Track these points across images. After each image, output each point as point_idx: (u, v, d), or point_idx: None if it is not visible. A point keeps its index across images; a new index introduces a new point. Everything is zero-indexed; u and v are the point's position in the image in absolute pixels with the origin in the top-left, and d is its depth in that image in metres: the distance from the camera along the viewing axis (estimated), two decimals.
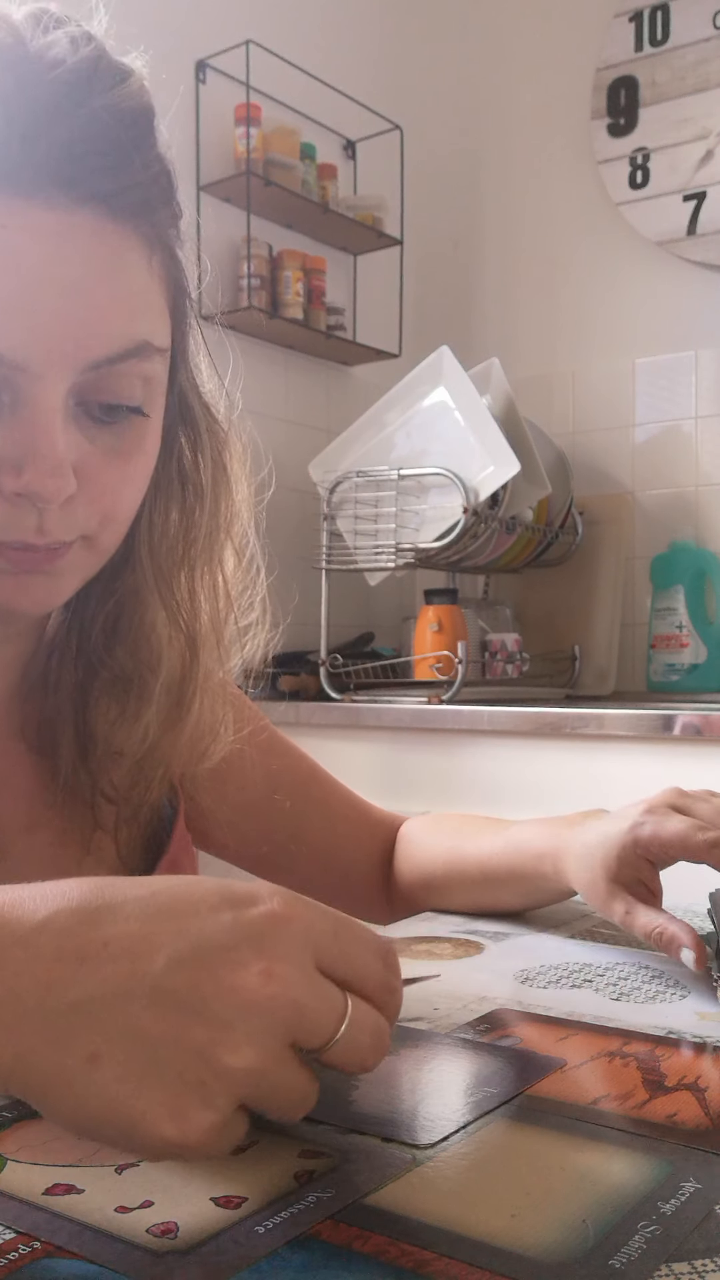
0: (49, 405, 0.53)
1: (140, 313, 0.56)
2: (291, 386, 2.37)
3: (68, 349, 0.53)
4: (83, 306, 0.53)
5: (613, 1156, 0.41)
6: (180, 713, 0.68)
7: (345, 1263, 0.34)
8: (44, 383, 0.53)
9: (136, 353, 0.55)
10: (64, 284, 0.52)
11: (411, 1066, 0.50)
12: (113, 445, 0.57)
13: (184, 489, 0.66)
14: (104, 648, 0.67)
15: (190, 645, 0.68)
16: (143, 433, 0.59)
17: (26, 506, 0.54)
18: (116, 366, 0.55)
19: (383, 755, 1.86)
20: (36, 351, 0.52)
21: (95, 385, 0.55)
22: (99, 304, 0.54)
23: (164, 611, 0.67)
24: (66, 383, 0.53)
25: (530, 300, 2.51)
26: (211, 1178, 0.39)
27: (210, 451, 0.67)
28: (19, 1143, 0.42)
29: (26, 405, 0.53)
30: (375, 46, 2.54)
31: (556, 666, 2.24)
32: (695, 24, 2.28)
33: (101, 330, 0.54)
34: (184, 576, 0.67)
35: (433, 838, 0.84)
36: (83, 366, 0.54)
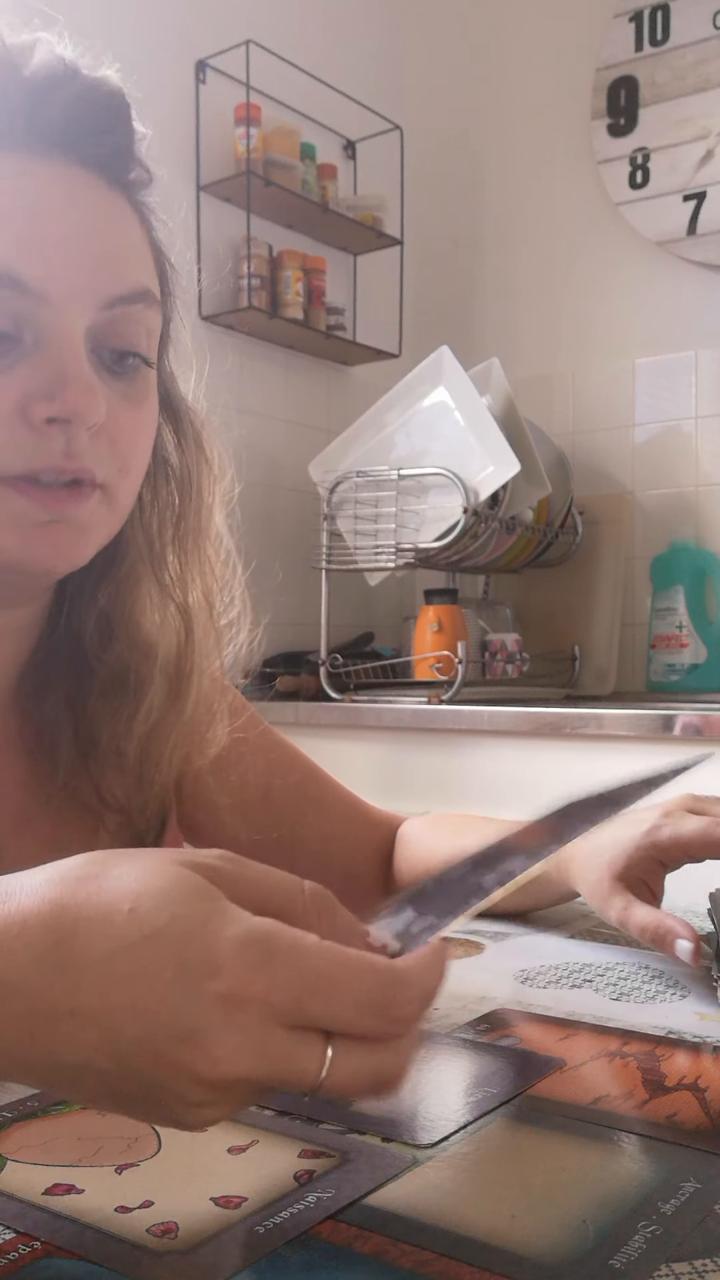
0: (73, 336, 0.57)
1: (142, 267, 0.61)
2: (291, 386, 2.37)
3: (87, 283, 0.57)
4: (99, 246, 0.58)
5: (612, 1156, 0.41)
6: (180, 691, 0.70)
7: (345, 1263, 0.34)
8: (66, 316, 0.56)
9: (143, 297, 0.60)
10: (81, 225, 0.58)
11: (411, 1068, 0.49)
12: (126, 392, 0.60)
13: (167, 470, 0.69)
14: (100, 645, 0.68)
15: (185, 620, 0.70)
16: (148, 385, 0.62)
17: (56, 434, 0.56)
18: (128, 309, 0.59)
19: (383, 755, 1.86)
20: (60, 283, 0.56)
21: (108, 328, 0.59)
22: (111, 246, 0.59)
23: (156, 588, 0.69)
24: (86, 319, 0.57)
25: (530, 300, 2.51)
26: (211, 1178, 0.39)
27: (190, 434, 0.70)
28: (19, 1143, 0.42)
29: (51, 340, 0.56)
30: (375, 46, 2.54)
31: (556, 666, 2.24)
32: (695, 24, 2.28)
33: (116, 270, 0.59)
34: (173, 555, 0.70)
35: (434, 837, 0.84)
36: (100, 303, 0.58)
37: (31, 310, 0.55)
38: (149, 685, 0.68)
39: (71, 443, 0.57)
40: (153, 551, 0.69)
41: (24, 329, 0.56)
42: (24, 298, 0.55)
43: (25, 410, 0.56)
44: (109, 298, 0.58)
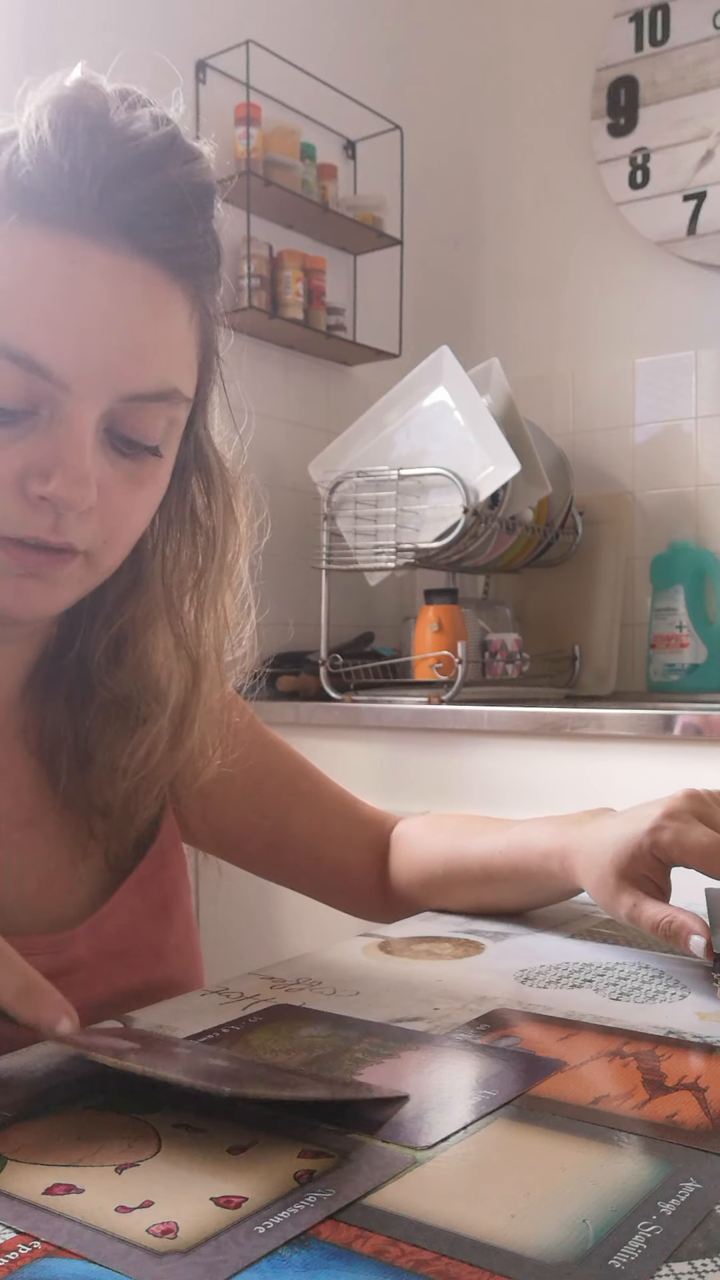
0: (83, 424, 0.58)
1: (177, 362, 0.62)
2: (291, 386, 2.37)
3: (111, 378, 0.59)
4: (131, 344, 0.59)
5: (613, 1156, 0.41)
6: (181, 736, 0.72)
7: (345, 1263, 0.34)
8: (83, 404, 0.58)
9: (167, 397, 0.61)
10: (118, 321, 0.59)
11: (412, 1068, 0.50)
12: (131, 473, 0.62)
13: (195, 529, 0.71)
14: (105, 671, 0.70)
15: (194, 671, 0.73)
16: (157, 468, 0.64)
17: (46, 510, 0.59)
18: (148, 405, 0.61)
19: (383, 755, 1.86)
20: (83, 374, 0.58)
21: (125, 418, 0.61)
22: (145, 345, 0.60)
23: (171, 638, 0.71)
24: (101, 408, 0.59)
25: (530, 300, 2.51)
26: (211, 1178, 0.39)
27: (221, 496, 0.72)
28: (19, 1143, 0.42)
29: (63, 422, 0.58)
30: (375, 46, 2.54)
31: (556, 666, 2.24)
32: (695, 24, 2.28)
33: (143, 369, 0.60)
34: (191, 608, 0.72)
35: (433, 837, 0.84)
36: (119, 397, 0.59)
37: (51, 393, 0.58)
38: (153, 724, 0.71)
39: (60, 520, 0.59)
40: (170, 602, 0.71)
41: (41, 405, 0.58)
42: (45, 381, 0.57)
43: (23, 482, 0.58)
44: (130, 394, 0.59)
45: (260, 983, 0.63)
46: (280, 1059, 0.51)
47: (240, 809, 0.83)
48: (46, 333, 0.57)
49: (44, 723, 0.71)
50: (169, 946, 0.74)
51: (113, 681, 0.70)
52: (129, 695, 0.71)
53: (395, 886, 0.85)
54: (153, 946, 0.73)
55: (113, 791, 0.71)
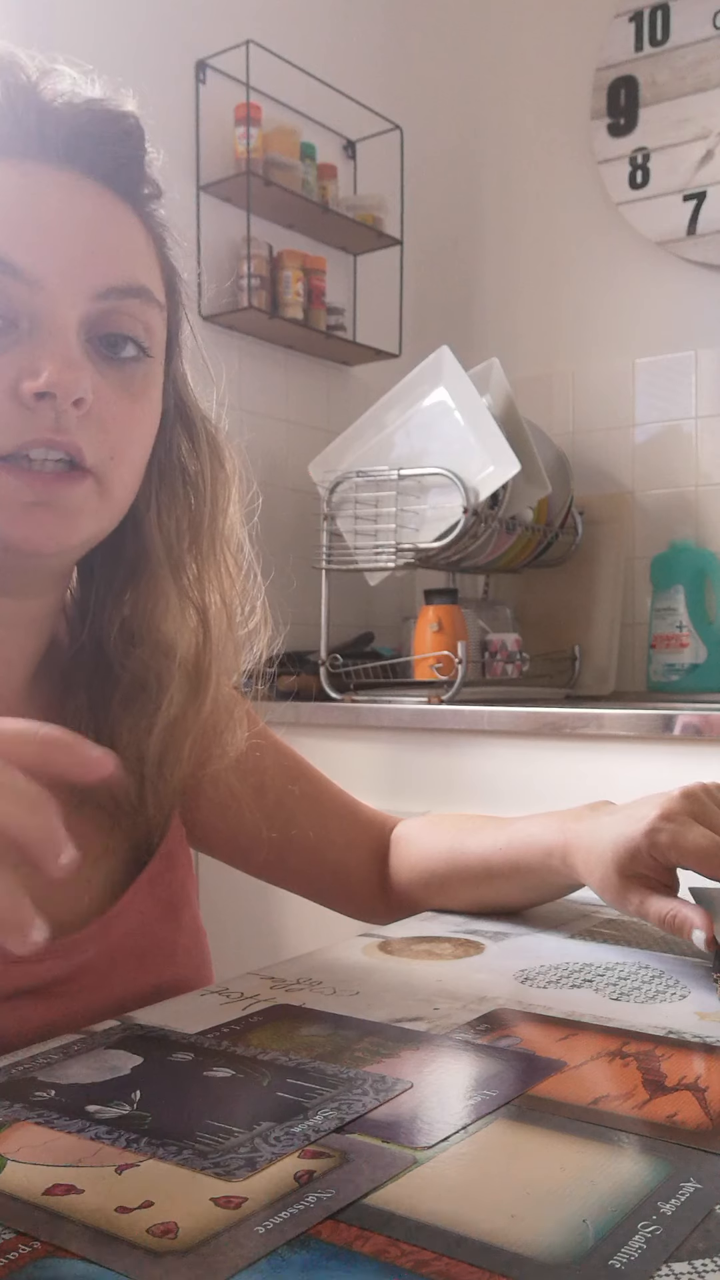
0: (64, 321, 0.59)
1: (142, 267, 0.64)
2: (291, 386, 2.37)
3: (80, 272, 0.60)
4: (95, 241, 0.61)
5: (613, 1156, 0.41)
6: (198, 689, 0.71)
7: (345, 1263, 0.34)
8: (60, 302, 0.59)
9: (140, 293, 0.63)
10: (79, 221, 0.61)
11: (412, 1068, 0.50)
12: (121, 383, 0.62)
13: (184, 478, 0.71)
14: (123, 652, 0.70)
15: (202, 620, 0.72)
16: (148, 379, 0.64)
17: (45, 409, 0.58)
18: (123, 302, 0.62)
19: (383, 755, 1.86)
20: (54, 269, 0.59)
21: (102, 318, 0.61)
22: (108, 241, 0.62)
23: (175, 590, 0.70)
24: (79, 309, 0.60)
25: (530, 300, 2.51)
26: (211, 1178, 0.39)
27: (205, 443, 0.72)
28: (19, 1143, 0.42)
29: (43, 325, 0.59)
30: (375, 46, 2.54)
31: (556, 666, 2.24)
32: (695, 24, 2.28)
33: (111, 263, 0.62)
34: (191, 559, 0.72)
35: (432, 836, 0.84)
36: (93, 292, 0.60)
37: (27, 297, 0.59)
38: (168, 683, 0.70)
39: (60, 418, 0.59)
40: (171, 555, 0.70)
41: (20, 315, 0.59)
42: (19, 283, 0.58)
43: (15, 389, 0.58)
44: (102, 288, 0.61)
45: (260, 983, 0.63)
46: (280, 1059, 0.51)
47: (243, 815, 0.82)
48: (15, 236, 0.59)
49: (62, 718, 0.69)
50: (179, 947, 0.74)
51: (132, 661, 0.70)
52: (149, 671, 0.70)
53: (396, 887, 0.85)
54: (163, 948, 0.72)
55: (134, 779, 0.70)
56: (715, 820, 0.68)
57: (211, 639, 0.72)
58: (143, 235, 0.65)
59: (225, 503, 0.73)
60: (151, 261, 0.65)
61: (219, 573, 0.73)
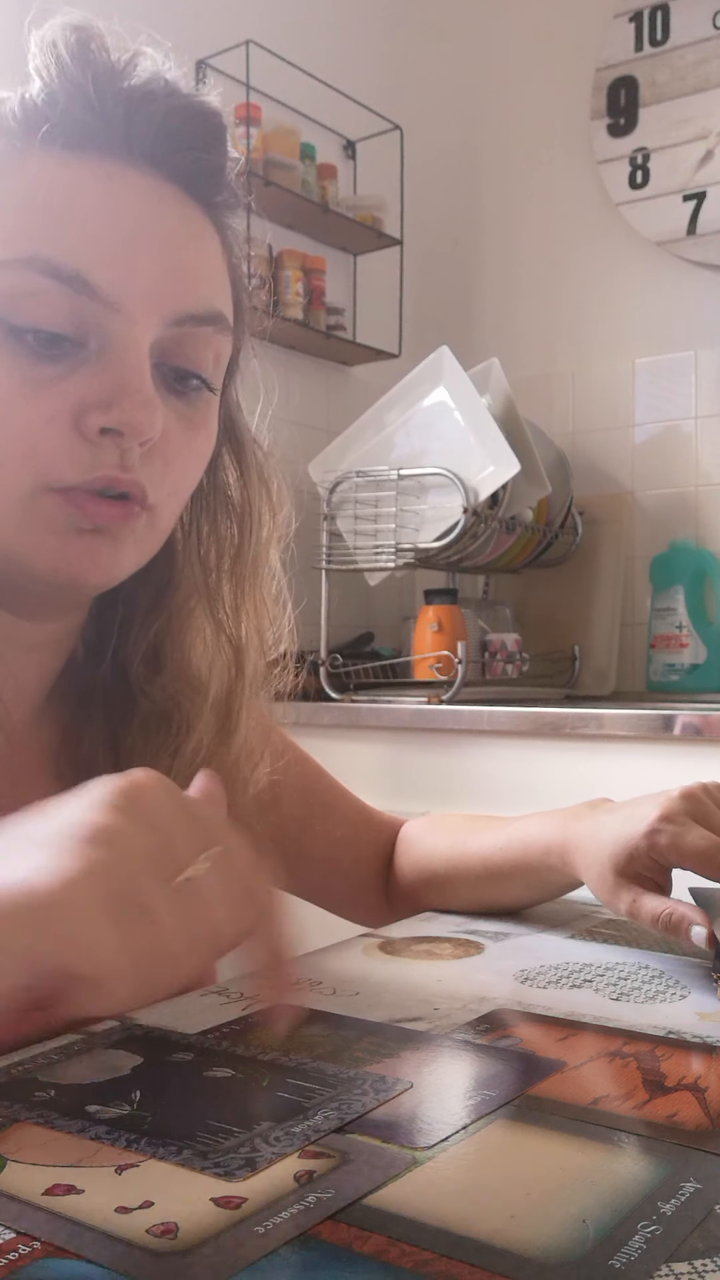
0: (139, 348, 0.55)
1: (218, 288, 0.60)
2: (291, 386, 2.37)
3: (159, 297, 0.56)
4: (177, 261, 0.57)
5: (613, 1156, 0.41)
6: (229, 729, 0.68)
7: (345, 1263, 0.34)
8: (135, 327, 0.55)
9: (215, 320, 0.59)
10: (162, 238, 0.57)
11: (412, 1068, 0.50)
12: (184, 414, 0.59)
13: (228, 505, 0.68)
14: (146, 678, 0.66)
15: (237, 656, 0.68)
16: (209, 410, 0.61)
17: (110, 446, 0.55)
18: (198, 330, 0.58)
19: (383, 755, 1.86)
20: (133, 292, 0.55)
21: (175, 346, 0.58)
22: (189, 264, 0.58)
23: (210, 622, 0.67)
24: (153, 334, 0.56)
25: (530, 300, 2.51)
26: (211, 1178, 0.39)
27: (254, 470, 0.69)
28: (19, 1143, 0.42)
29: (115, 349, 0.55)
30: (375, 46, 2.54)
31: (556, 666, 2.24)
32: (695, 24, 2.28)
33: (191, 287, 0.57)
34: (229, 588, 0.68)
35: (433, 836, 0.84)
36: (171, 318, 0.56)
37: (99, 316, 0.54)
38: (197, 722, 0.66)
39: (126, 455, 0.55)
40: (208, 584, 0.67)
41: (89, 334, 0.55)
42: (93, 302, 0.54)
43: (80, 419, 0.54)
44: (180, 314, 0.57)
45: (260, 983, 0.63)
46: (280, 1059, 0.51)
47: (258, 823, 0.80)
48: (93, 250, 0.54)
49: (79, 744, 0.66)
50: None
51: (155, 690, 0.66)
52: (170, 701, 0.66)
53: (399, 888, 0.85)
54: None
55: None
56: (715, 821, 0.67)
57: (245, 676, 0.69)
58: (219, 252, 0.61)
59: (269, 533, 0.70)
60: (225, 281, 0.61)
61: (256, 606, 0.70)
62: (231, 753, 0.69)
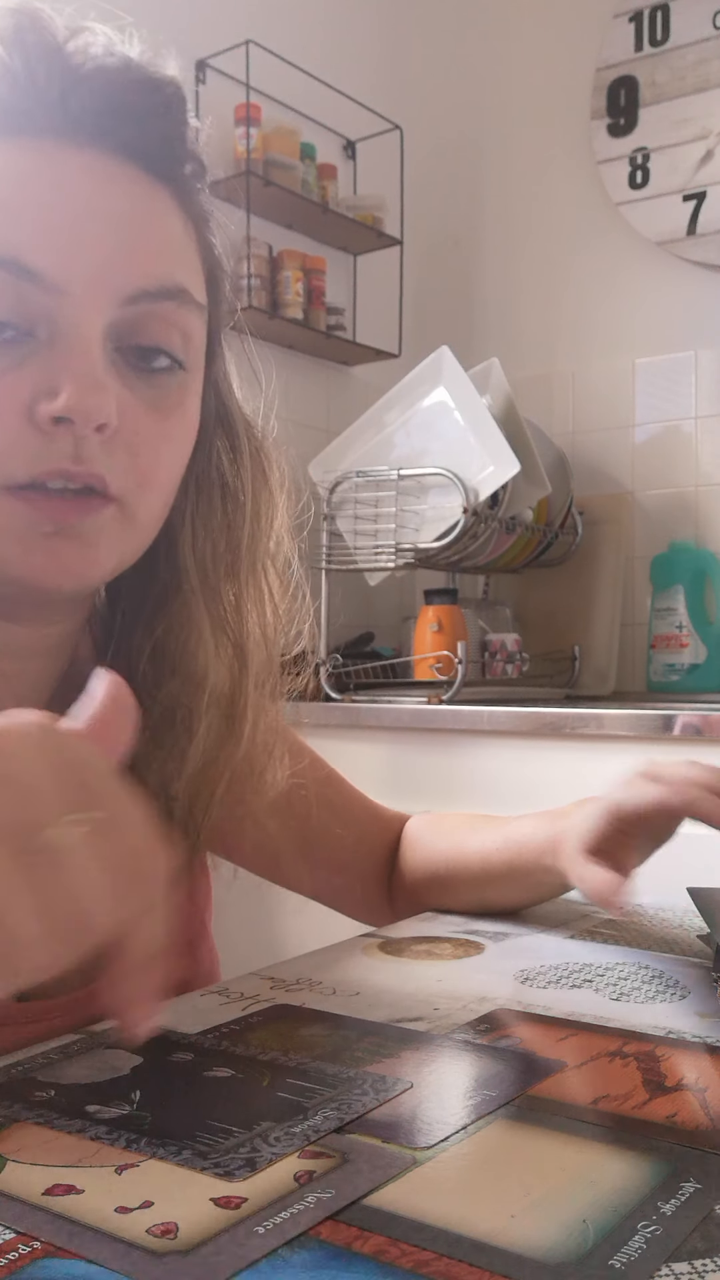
0: (86, 332, 0.53)
1: (180, 263, 0.57)
2: (291, 386, 2.36)
3: (108, 275, 0.53)
4: (128, 238, 0.54)
5: (613, 1156, 0.41)
6: (234, 730, 0.65)
7: (345, 1263, 0.34)
8: (82, 310, 0.52)
9: (176, 295, 0.56)
10: (110, 216, 0.54)
11: (412, 1068, 0.50)
12: (152, 399, 0.56)
13: (224, 493, 0.65)
14: (153, 683, 0.64)
15: (239, 656, 0.66)
16: (183, 392, 0.58)
17: (63, 436, 0.52)
18: (157, 306, 0.55)
19: (383, 755, 1.86)
20: (79, 274, 0.52)
21: (132, 325, 0.55)
22: (143, 240, 0.55)
23: (209, 620, 0.64)
24: (106, 316, 0.53)
25: (530, 300, 2.51)
26: (211, 1178, 0.39)
27: (249, 455, 0.66)
28: (19, 1143, 0.42)
29: (64, 335, 0.52)
30: (375, 46, 2.54)
31: (556, 666, 2.24)
32: (695, 24, 2.28)
33: (144, 264, 0.55)
34: (229, 585, 0.65)
35: (433, 837, 0.84)
36: (123, 297, 0.54)
37: (46, 304, 0.52)
38: (200, 723, 0.64)
39: (80, 445, 0.52)
40: (206, 580, 0.64)
41: (37, 323, 0.52)
42: (37, 289, 0.52)
43: (31, 411, 0.52)
44: (133, 292, 0.54)
45: (260, 983, 0.63)
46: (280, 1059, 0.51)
47: (270, 825, 0.79)
48: (33, 234, 0.52)
49: None
50: (202, 947, 0.73)
51: (160, 692, 0.64)
52: (177, 703, 0.64)
53: (401, 886, 0.85)
54: (184, 947, 0.71)
55: (165, 819, 0.64)
56: (666, 776, 0.69)
57: (249, 674, 0.66)
58: (181, 224, 0.58)
59: (269, 520, 0.66)
60: (192, 255, 0.58)
61: (260, 600, 0.67)
62: (238, 752, 0.66)
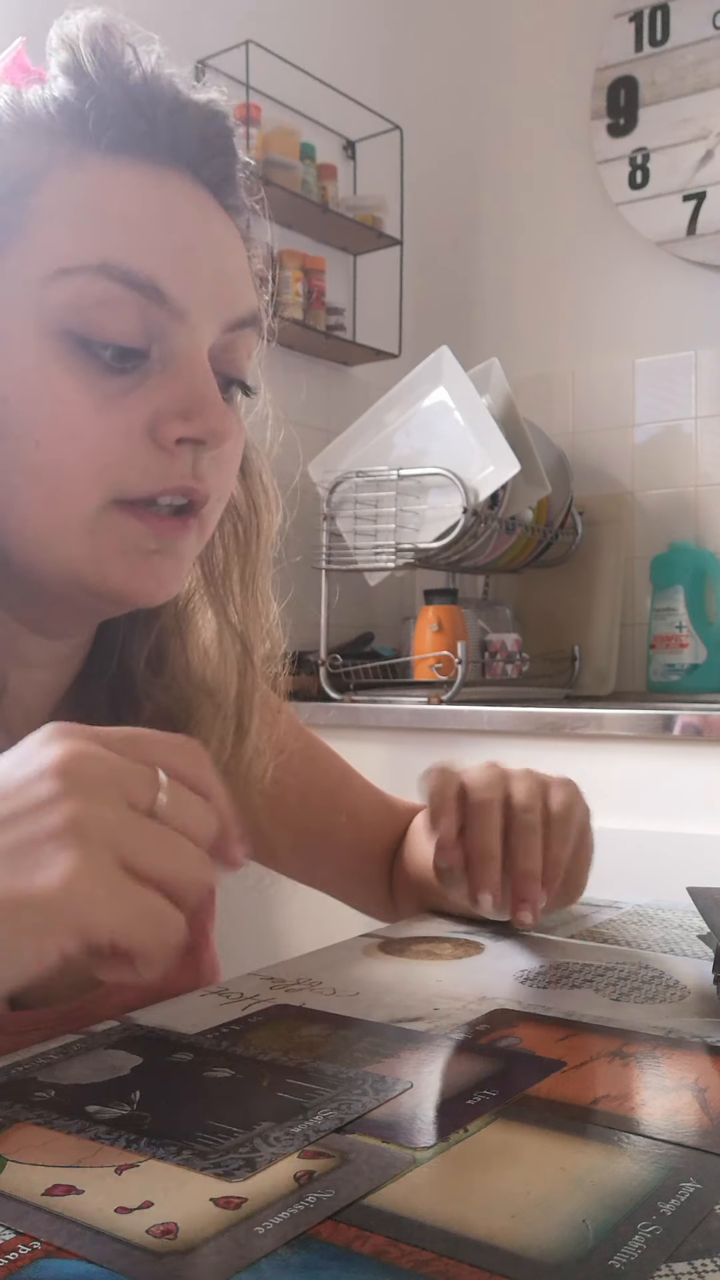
0: (203, 356, 0.55)
1: (253, 290, 0.60)
2: (291, 386, 2.37)
3: (217, 303, 0.56)
4: (228, 266, 0.57)
5: (613, 1156, 0.41)
6: (245, 727, 0.68)
7: (345, 1263, 0.34)
8: (198, 335, 0.55)
9: (255, 322, 0.59)
10: (212, 243, 0.56)
11: (412, 1068, 0.50)
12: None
13: (233, 504, 0.67)
14: (150, 682, 0.66)
15: (247, 655, 0.68)
16: (239, 413, 0.61)
17: (184, 455, 0.55)
18: (243, 333, 0.58)
19: (383, 755, 1.86)
20: (196, 300, 0.54)
21: (225, 352, 0.58)
22: (238, 267, 0.58)
23: (222, 622, 0.67)
24: (211, 340, 0.56)
25: (530, 300, 2.51)
26: (211, 1178, 0.39)
27: (254, 469, 0.69)
28: (19, 1143, 0.42)
29: (181, 358, 0.54)
30: (375, 46, 2.54)
31: (556, 666, 2.24)
32: (695, 24, 2.28)
33: (242, 291, 0.58)
34: (238, 588, 0.68)
35: (426, 838, 0.84)
36: (226, 324, 0.57)
37: (165, 325, 0.54)
38: (210, 725, 0.66)
39: (197, 464, 0.55)
40: (214, 584, 0.67)
41: (153, 343, 0.54)
42: (162, 311, 0.53)
43: (155, 430, 0.54)
44: (233, 320, 0.57)
45: (260, 983, 0.63)
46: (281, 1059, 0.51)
47: (288, 821, 0.80)
48: (162, 257, 0.53)
49: None
50: (204, 957, 0.73)
51: (158, 691, 0.66)
52: (177, 703, 0.66)
53: (401, 887, 0.85)
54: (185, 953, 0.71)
55: None
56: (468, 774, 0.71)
57: (256, 675, 0.69)
58: (245, 251, 0.61)
59: (270, 530, 0.70)
60: (254, 280, 0.62)
61: (261, 607, 0.69)
62: (246, 753, 0.69)
